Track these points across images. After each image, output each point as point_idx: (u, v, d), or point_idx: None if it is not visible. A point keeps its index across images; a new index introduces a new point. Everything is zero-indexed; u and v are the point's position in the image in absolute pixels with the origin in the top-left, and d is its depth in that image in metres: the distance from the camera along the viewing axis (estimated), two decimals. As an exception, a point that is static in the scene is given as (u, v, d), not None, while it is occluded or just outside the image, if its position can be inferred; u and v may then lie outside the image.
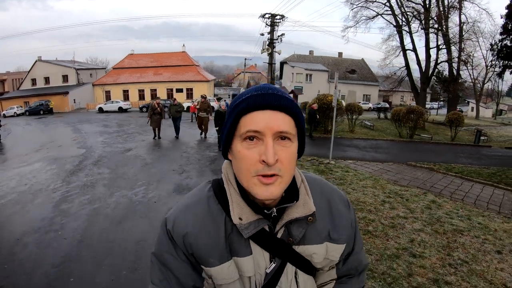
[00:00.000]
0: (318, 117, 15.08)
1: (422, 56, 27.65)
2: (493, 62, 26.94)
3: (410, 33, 27.39)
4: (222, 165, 0.91)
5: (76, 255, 3.95)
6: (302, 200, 0.86)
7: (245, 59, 50.28)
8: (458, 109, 57.31)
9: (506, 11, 15.03)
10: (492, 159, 12.48)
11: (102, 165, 8.73)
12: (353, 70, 52.70)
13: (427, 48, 27.28)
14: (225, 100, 14.87)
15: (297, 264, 0.88)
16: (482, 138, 18.61)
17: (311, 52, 56.16)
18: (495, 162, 11.64)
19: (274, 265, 0.85)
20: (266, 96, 0.75)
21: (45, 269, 3.61)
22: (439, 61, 27.73)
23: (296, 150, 0.79)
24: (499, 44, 17.72)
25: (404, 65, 28.19)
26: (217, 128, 10.85)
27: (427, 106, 34.68)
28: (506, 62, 16.62)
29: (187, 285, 0.84)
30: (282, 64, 52.87)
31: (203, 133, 13.84)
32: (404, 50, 27.72)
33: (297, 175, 0.90)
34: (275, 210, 0.83)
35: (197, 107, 14.88)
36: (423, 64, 27.60)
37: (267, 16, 18.10)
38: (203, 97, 13.61)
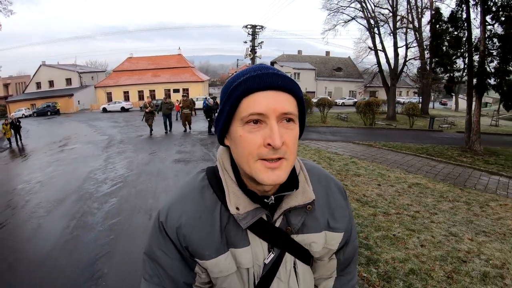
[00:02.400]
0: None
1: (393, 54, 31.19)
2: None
3: (379, 35, 30.90)
4: (217, 152, 0.88)
5: (128, 175, 7.59)
6: (302, 188, 0.83)
7: (237, 60, 53.54)
8: (442, 102, 60.64)
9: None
10: (433, 139, 15.32)
11: (125, 143, 12.38)
12: (339, 68, 56.07)
13: (395, 47, 30.76)
14: (207, 98, 16.60)
15: (296, 253, 0.86)
16: (445, 126, 22.08)
17: (299, 51, 59.53)
18: (433, 141, 14.40)
19: (272, 255, 0.83)
20: (268, 75, 0.71)
21: (113, 180, 7.19)
22: (408, 59, 31.21)
23: (298, 131, 0.76)
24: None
25: (376, 63, 31.69)
26: (209, 119, 14.21)
27: (406, 99, 38.26)
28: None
29: (177, 280, 0.82)
30: (272, 64, 56.20)
31: (187, 127, 15.42)
32: (376, 50, 31.19)
33: (296, 162, 0.87)
34: (273, 198, 0.80)
35: (181, 105, 16.05)
36: (392, 62, 31.06)
37: (249, 26, 21.59)
38: (185, 95, 15.95)
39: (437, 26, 15.92)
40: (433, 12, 18.58)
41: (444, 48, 15.24)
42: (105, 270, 3.58)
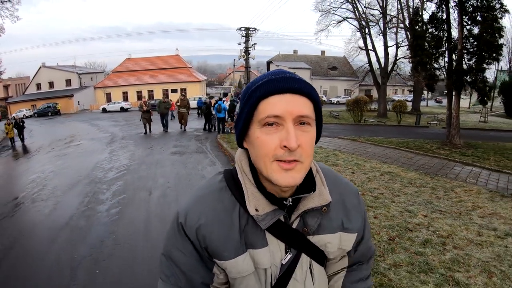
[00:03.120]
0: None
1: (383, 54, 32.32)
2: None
3: (370, 35, 31.98)
4: (235, 155, 0.90)
5: (131, 165, 8.70)
6: (318, 190, 0.85)
7: (234, 60, 54.43)
8: (437, 100, 61.57)
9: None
10: (418, 134, 16.10)
11: (126, 139, 13.49)
12: (334, 67, 57.08)
13: (385, 47, 31.88)
14: (201, 97, 17.44)
15: (311, 254, 0.88)
16: (434, 122, 23.10)
17: (295, 51, 60.44)
18: (417, 136, 15.19)
19: (290, 256, 0.85)
20: (285, 79, 0.74)
21: (118, 169, 8.29)
22: (398, 58, 32.32)
23: (315, 135, 0.78)
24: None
25: (367, 62, 32.82)
26: (205, 117, 15.40)
27: (402, 97, 39.49)
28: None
29: (195, 281, 0.84)
30: (268, 63, 57.12)
31: (183, 126, 16.08)
32: (367, 50, 32.26)
33: (312, 164, 0.89)
34: (290, 200, 0.82)
35: (178, 104, 16.51)
36: (383, 61, 32.16)
37: (242, 29, 22.69)
38: (183, 95, 16.97)
39: (417, 27, 17.03)
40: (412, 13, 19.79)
41: (425, 47, 16.36)
42: (115, 229, 4.68)
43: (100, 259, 3.83)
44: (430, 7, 32.18)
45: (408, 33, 30.58)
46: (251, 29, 22.52)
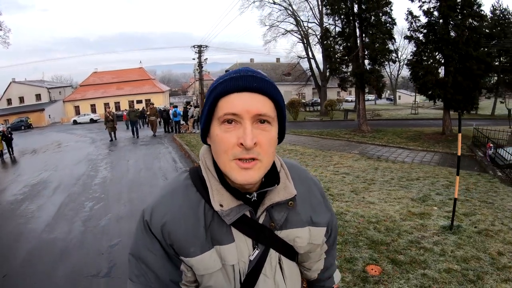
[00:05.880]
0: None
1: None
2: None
3: (309, 45, 37.53)
4: (200, 152, 0.92)
5: (113, 151, 13.31)
6: (283, 184, 0.87)
7: (194, 70, 58.72)
8: (389, 98, 67.99)
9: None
10: (340, 126, 20.53)
11: (105, 140, 18.12)
12: (288, 73, 62.66)
13: (323, 54, 37.33)
14: (163, 106, 21.49)
15: (280, 249, 0.89)
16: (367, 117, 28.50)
17: (251, 59, 65.80)
18: (338, 127, 19.79)
19: (257, 251, 0.85)
20: (244, 78, 0.75)
21: (104, 155, 12.93)
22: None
23: (276, 134, 0.79)
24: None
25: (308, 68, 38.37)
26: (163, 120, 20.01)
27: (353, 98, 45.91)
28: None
29: (165, 279, 0.84)
30: (226, 72, 61.62)
31: (154, 132, 18.82)
32: (308, 58, 37.66)
33: (276, 160, 0.91)
34: (255, 195, 0.83)
35: (147, 113, 19.27)
36: (322, 67, 37.60)
37: (195, 46, 27.53)
38: (152, 104, 21.05)
39: (326, 41, 22.35)
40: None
41: (333, 57, 21.53)
42: (110, 174, 9.48)
43: (106, 183, 8.64)
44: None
45: (320, 46, 35.96)
46: (203, 47, 27.40)
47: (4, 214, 6.62)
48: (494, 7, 30.46)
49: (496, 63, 28.64)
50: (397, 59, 35.40)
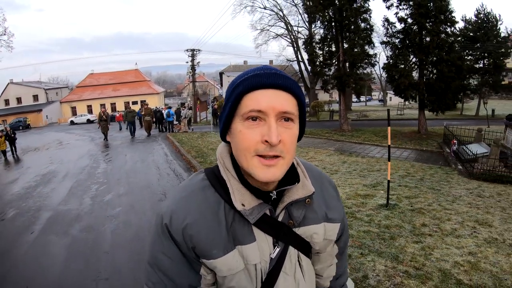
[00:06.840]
0: (218, 112, 26.03)
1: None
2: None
3: (299, 48, 39.06)
4: (217, 152, 0.91)
5: (112, 148, 14.77)
6: (301, 182, 0.87)
7: (187, 73, 59.81)
8: (380, 99, 69.47)
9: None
10: (324, 126, 22.17)
11: (103, 139, 19.22)
12: (280, 75, 64.05)
13: (308, 58, 38.95)
14: (157, 107, 22.64)
15: (299, 246, 0.89)
16: (353, 117, 29.70)
17: (245, 62, 67.03)
18: (322, 127, 21.30)
19: (278, 249, 0.86)
20: (269, 75, 0.75)
21: (104, 150, 14.34)
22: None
23: (297, 131, 0.80)
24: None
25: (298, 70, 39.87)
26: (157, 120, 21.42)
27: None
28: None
29: (182, 285, 0.83)
30: (221, 74, 63.45)
31: (148, 132, 19.32)
32: (298, 61, 39.16)
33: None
34: (275, 193, 0.84)
35: (142, 113, 19.83)
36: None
37: (188, 50, 28.99)
38: (147, 104, 21.76)
39: (308, 46, 23.77)
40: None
41: (319, 59, 22.85)
42: (111, 165, 10.86)
43: (108, 172, 10.05)
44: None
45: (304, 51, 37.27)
46: (195, 50, 28.86)
47: (23, 196, 7.97)
48: (478, 10, 31.49)
49: (480, 65, 30.23)
50: (377, 62, 37.04)
